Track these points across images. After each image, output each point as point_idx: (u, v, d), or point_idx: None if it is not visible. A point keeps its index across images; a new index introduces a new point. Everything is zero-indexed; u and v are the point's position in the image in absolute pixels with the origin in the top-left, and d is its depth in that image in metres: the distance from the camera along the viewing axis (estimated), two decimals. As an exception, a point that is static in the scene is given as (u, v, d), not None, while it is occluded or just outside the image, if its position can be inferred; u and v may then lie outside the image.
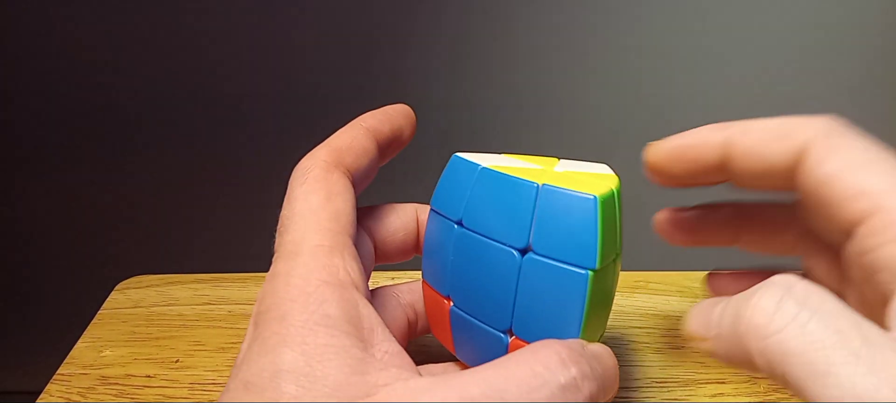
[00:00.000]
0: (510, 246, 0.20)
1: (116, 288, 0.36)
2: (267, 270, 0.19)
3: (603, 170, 0.22)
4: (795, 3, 0.46)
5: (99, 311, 0.34)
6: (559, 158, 0.23)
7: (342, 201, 0.20)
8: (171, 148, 0.56)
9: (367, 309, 0.18)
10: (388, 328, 0.23)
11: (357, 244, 0.21)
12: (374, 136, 0.22)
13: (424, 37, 0.49)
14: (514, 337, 0.21)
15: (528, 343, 0.20)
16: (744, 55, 0.48)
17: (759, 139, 0.19)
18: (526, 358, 0.17)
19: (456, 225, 0.22)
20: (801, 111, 0.20)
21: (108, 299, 0.35)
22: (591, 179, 0.21)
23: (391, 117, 0.23)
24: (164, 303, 0.35)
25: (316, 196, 0.20)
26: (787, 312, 0.15)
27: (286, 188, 0.21)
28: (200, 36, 0.50)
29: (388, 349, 0.17)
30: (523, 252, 0.20)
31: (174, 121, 0.55)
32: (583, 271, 0.19)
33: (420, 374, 0.17)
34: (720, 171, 0.21)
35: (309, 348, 0.16)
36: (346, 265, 0.18)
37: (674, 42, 0.48)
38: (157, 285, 0.36)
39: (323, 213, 0.19)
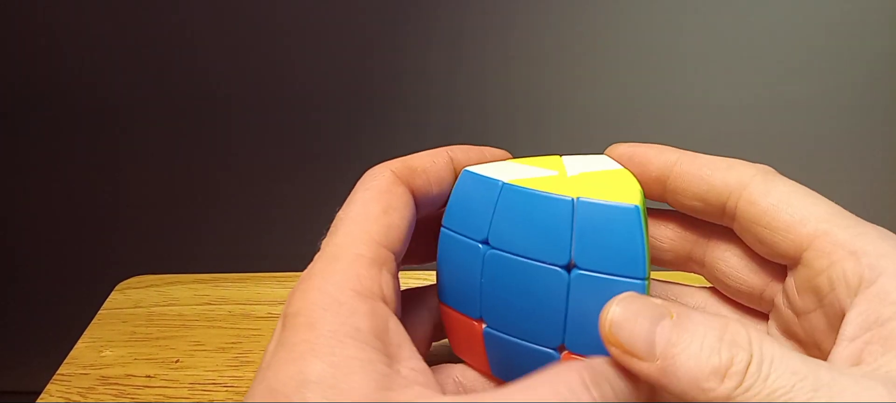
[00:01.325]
0: (552, 264, 0.20)
1: (116, 288, 0.36)
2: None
3: (609, 164, 0.22)
4: (796, 4, 0.46)
5: (99, 311, 0.34)
6: (560, 155, 0.23)
7: (398, 217, 0.20)
8: (172, 148, 0.56)
9: (396, 325, 0.18)
10: (413, 331, 0.22)
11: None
12: (455, 168, 0.22)
13: (423, 36, 0.49)
14: (566, 352, 0.20)
15: (584, 356, 0.19)
16: (743, 55, 0.48)
17: (705, 164, 0.21)
18: (550, 380, 0.17)
19: (482, 246, 0.21)
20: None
21: (108, 299, 0.35)
22: (613, 181, 0.21)
23: (482, 155, 0.23)
24: (164, 303, 0.35)
25: (374, 206, 0.20)
26: (751, 372, 0.15)
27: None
28: (200, 36, 0.50)
29: (415, 366, 0.17)
30: (568, 268, 0.19)
31: (174, 122, 0.55)
32: (640, 281, 0.18)
33: (444, 393, 0.17)
34: (658, 184, 0.22)
35: (336, 360, 0.16)
36: (383, 279, 0.18)
37: (673, 43, 0.48)
38: (157, 285, 0.36)
39: (375, 225, 0.19)
